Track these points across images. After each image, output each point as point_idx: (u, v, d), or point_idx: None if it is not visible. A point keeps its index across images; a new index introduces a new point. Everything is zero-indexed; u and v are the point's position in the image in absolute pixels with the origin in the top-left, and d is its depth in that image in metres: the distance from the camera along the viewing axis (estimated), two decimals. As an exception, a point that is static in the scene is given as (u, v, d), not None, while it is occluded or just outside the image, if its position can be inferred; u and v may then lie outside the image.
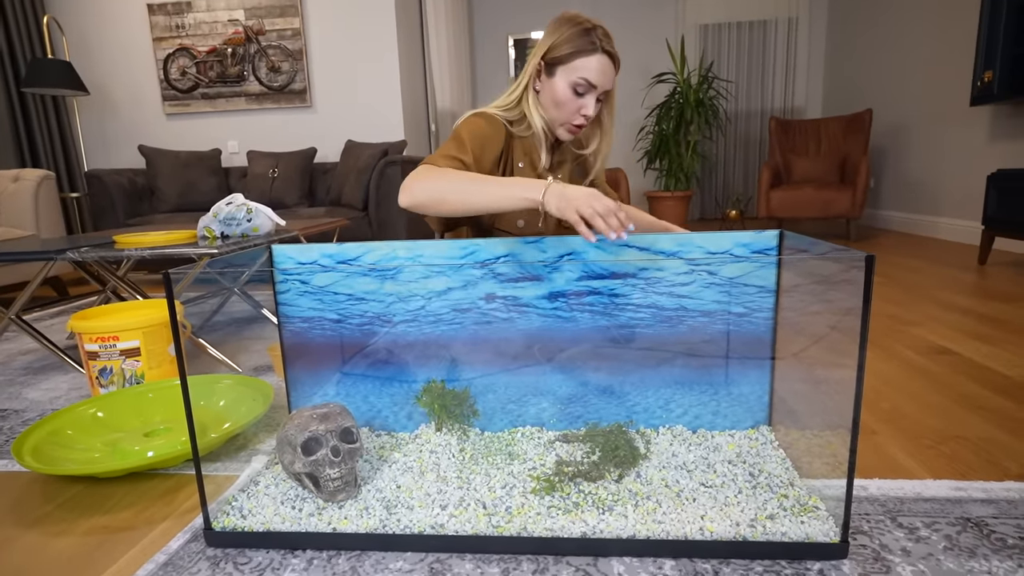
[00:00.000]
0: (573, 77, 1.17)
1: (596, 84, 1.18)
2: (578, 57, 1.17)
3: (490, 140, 1.20)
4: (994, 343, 1.73)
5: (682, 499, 0.90)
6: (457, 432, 1.13)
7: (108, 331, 1.45)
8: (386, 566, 0.82)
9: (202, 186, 3.92)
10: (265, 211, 1.93)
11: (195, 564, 0.85)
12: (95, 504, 1.04)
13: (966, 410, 1.28)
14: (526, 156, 1.26)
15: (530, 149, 1.26)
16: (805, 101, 5.76)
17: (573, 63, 1.17)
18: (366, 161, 3.63)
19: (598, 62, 1.16)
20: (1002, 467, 1.04)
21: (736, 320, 1.07)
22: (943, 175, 3.94)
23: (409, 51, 4.45)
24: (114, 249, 1.78)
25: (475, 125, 1.19)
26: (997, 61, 3.04)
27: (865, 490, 0.97)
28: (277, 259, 1.13)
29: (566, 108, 1.20)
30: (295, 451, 0.93)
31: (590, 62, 1.16)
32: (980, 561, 0.79)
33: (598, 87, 1.18)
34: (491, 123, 1.22)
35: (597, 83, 1.18)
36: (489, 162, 1.20)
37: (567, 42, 1.17)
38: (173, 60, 4.27)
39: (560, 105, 1.20)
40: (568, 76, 1.18)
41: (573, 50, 1.17)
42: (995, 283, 2.55)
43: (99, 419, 1.31)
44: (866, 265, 0.70)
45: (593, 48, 1.16)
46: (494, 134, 1.21)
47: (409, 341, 1.13)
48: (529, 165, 1.26)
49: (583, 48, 1.16)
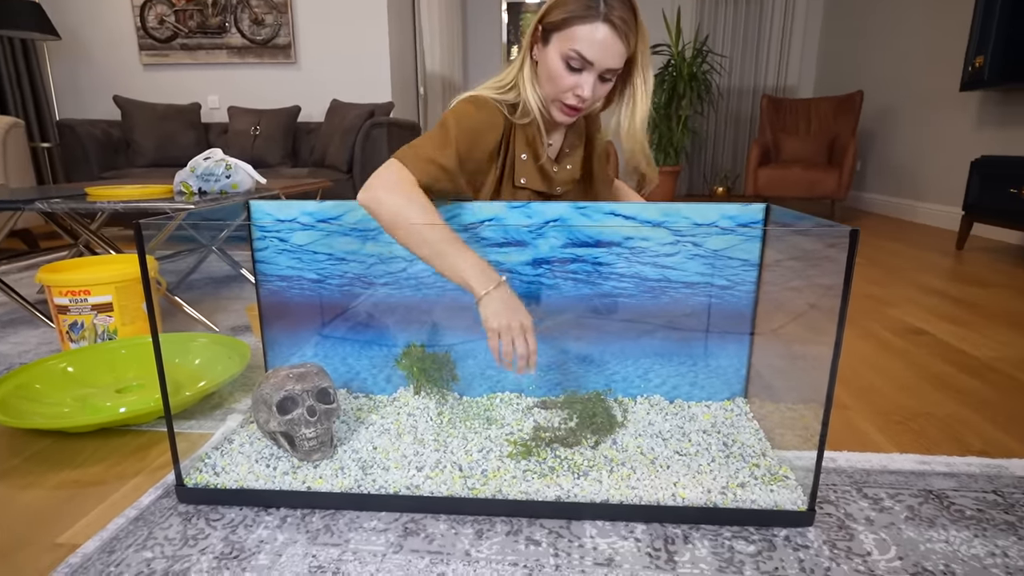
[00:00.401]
0: (565, 48, 0.98)
1: (591, 59, 0.97)
2: (573, 24, 0.97)
3: (482, 133, 1.03)
4: (967, 325, 1.76)
5: (656, 466, 0.91)
6: (436, 396, 1.12)
7: (79, 285, 1.41)
8: (360, 525, 0.82)
9: (181, 140, 3.80)
10: (245, 168, 1.88)
11: (166, 519, 0.84)
12: (64, 459, 1.02)
13: (936, 388, 1.31)
14: (529, 147, 1.09)
15: (533, 139, 1.09)
16: (798, 80, 5.73)
17: (567, 30, 0.98)
18: (352, 122, 3.55)
19: (596, 32, 0.96)
20: (965, 443, 1.07)
21: (718, 293, 1.08)
22: (928, 160, 3.97)
23: (399, 10, 4.32)
24: (86, 201, 1.72)
25: (465, 114, 1.02)
26: (989, 46, 3.03)
27: (834, 462, 0.99)
28: (255, 215, 1.10)
29: (558, 84, 1.01)
30: (270, 410, 0.92)
31: (586, 31, 0.96)
32: (939, 531, 0.81)
33: (595, 63, 0.98)
34: (485, 110, 1.04)
35: (593, 58, 0.97)
36: (481, 158, 1.04)
37: (566, 3, 0.98)
38: (151, 7, 4.09)
39: (552, 79, 1.02)
40: (561, 46, 0.99)
41: (569, 14, 0.97)
42: (971, 268, 2.60)
43: (69, 374, 1.28)
44: (850, 239, 0.70)
45: (593, 14, 0.95)
46: (488, 124, 1.04)
47: (390, 304, 1.12)
48: (532, 157, 1.10)
49: (580, 13, 0.96)
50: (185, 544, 0.79)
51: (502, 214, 1.05)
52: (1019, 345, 1.59)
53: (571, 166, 1.15)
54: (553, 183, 1.13)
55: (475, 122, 1.02)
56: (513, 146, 1.09)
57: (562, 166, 1.14)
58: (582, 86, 1.00)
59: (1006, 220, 2.71)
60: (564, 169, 1.14)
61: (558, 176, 1.13)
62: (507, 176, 1.11)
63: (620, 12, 0.96)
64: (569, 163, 1.15)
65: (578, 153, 1.16)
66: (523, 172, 1.10)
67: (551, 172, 1.12)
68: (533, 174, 1.11)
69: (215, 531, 0.81)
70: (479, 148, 1.03)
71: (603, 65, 0.99)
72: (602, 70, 1.00)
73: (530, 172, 1.10)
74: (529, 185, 1.11)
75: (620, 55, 0.99)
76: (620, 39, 0.97)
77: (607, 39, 0.96)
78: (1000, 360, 1.48)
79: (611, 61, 0.98)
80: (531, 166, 1.10)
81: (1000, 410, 1.20)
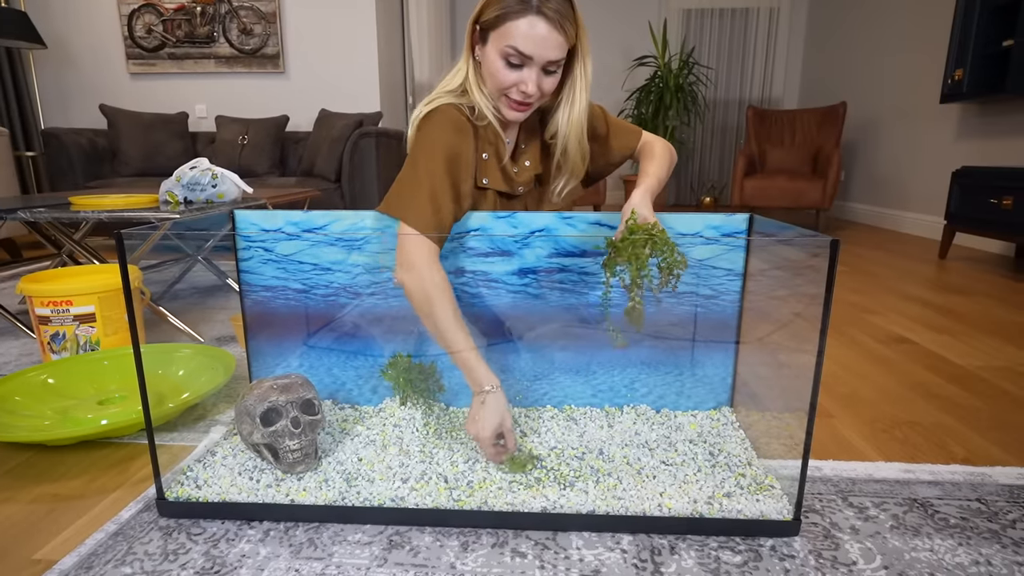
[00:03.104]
0: (502, 45, 0.96)
1: (528, 53, 0.95)
2: (508, 20, 0.94)
3: (460, 153, 1.01)
4: (949, 333, 1.79)
5: (642, 476, 0.91)
6: (422, 406, 1.12)
7: (60, 295, 1.39)
8: (344, 538, 0.81)
9: (168, 150, 3.78)
10: (231, 177, 1.87)
11: (146, 534, 0.83)
12: (43, 472, 1.00)
13: (920, 397, 1.32)
14: (491, 146, 1.08)
15: (495, 138, 1.08)
16: (782, 91, 5.81)
17: (503, 27, 0.95)
18: (340, 131, 3.54)
19: (530, 26, 0.93)
20: (949, 451, 1.07)
21: (703, 302, 1.08)
22: (911, 170, 4.03)
23: (388, 20, 4.34)
24: (70, 211, 1.71)
25: (438, 143, 0.99)
26: (968, 60, 3.10)
27: (820, 471, 0.99)
28: (240, 225, 1.09)
29: (500, 82, 0.99)
30: (254, 422, 0.91)
31: (521, 26, 0.93)
32: (923, 539, 0.82)
33: (534, 57, 0.95)
34: (451, 125, 1.01)
35: (529, 52, 0.94)
36: (469, 173, 1.03)
37: (499, 0, 0.95)
38: (138, 16, 4.08)
39: (494, 78, 1.00)
40: (498, 44, 0.97)
41: (502, 11, 0.94)
42: (953, 277, 2.63)
43: (50, 386, 1.26)
44: (831, 249, 0.71)
45: (526, 8, 0.93)
46: (462, 139, 1.02)
47: (376, 314, 1.11)
48: (494, 156, 1.08)
49: (514, 8, 0.93)
50: (165, 559, 0.77)
51: (487, 224, 1.05)
52: (1001, 353, 1.61)
53: (529, 163, 1.13)
54: (515, 183, 1.12)
55: (450, 146, 1.00)
56: (477, 147, 1.08)
57: (520, 164, 1.13)
58: (525, 82, 0.98)
59: (987, 229, 2.75)
60: (523, 167, 1.13)
61: (518, 176, 1.12)
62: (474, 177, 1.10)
63: (554, 3, 0.93)
64: (527, 160, 1.13)
65: (533, 148, 1.14)
66: (485, 172, 1.09)
67: (511, 172, 1.11)
68: (495, 174, 1.09)
69: (196, 545, 0.80)
70: (464, 167, 1.02)
71: (543, 58, 0.96)
72: (543, 63, 0.97)
73: (492, 172, 1.09)
74: (492, 185, 1.09)
75: (559, 46, 0.96)
76: (556, 30, 0.94)
77: (543, 32, 0.94)
78: (983, 368, 1.50)
79: (551, 53, 0.96)
80: (493, 166, 1.09)
81: (983, 418, 1.21)
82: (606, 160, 1.19)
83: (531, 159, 1.14)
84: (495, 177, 1.09)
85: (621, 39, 5.73)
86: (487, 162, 1.08)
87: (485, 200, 1.10)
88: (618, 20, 5.72)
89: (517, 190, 1.13)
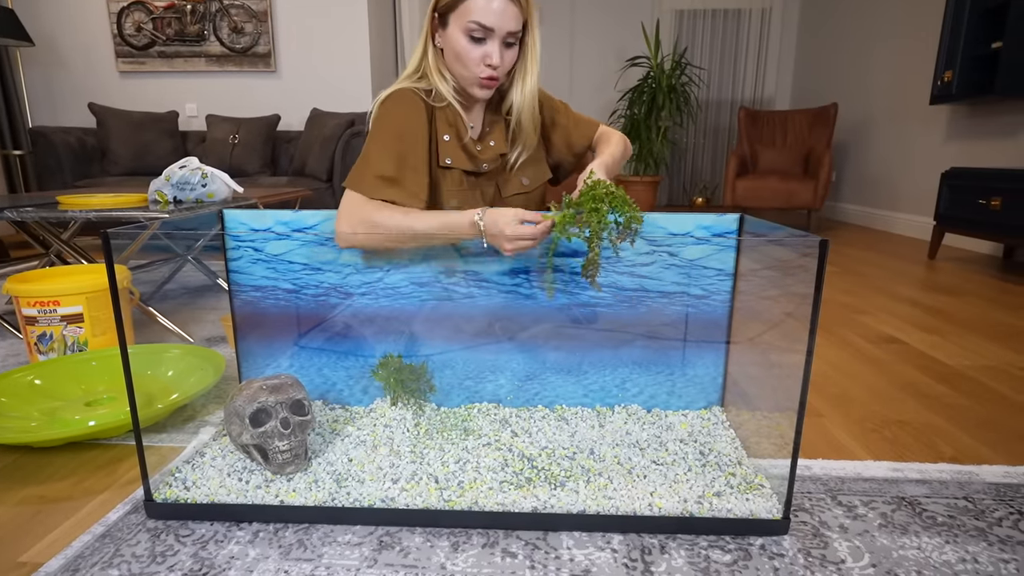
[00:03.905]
0: (464, 22, 1.02)
1: (491, 26, 1.01)
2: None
3: (412, 130, 1.06)
4: (939, 333, 1.80)
5: (633, 476, 0.91)
6: (413, 407, 1.12)
7: (48, 295, 1.38)
8: (334, 539, 0.81)
9: (158, 149, 3.75)
10: (221, 176, 1.86)
11: (134, 536, 0.82)
12: (30, 474, 0.99)
13: (909, 396, 1.33)
14: (451, 127, 1.11)
15: (454, 118, 1.12)
16: (774, 92, 5.84)
17: (462, 7, 1.02)
18: (331, 131, 3.53)
19: (490, 1, 1.00)
20: (938, 450, 1.08)
21: (694, 302, 1.08)
22: (901, 171, 4.06)
23: (380, 18, 4.32)
24: (57, 210, 1.69)
25: (388, 116, 1.06)
26: (957, 62, 3.12)
27: (809, 470, 1.00)
28: (229, 224, 1.08)
29: (467, 60, 1.04)
30: (243, 422, 0.91)
31: (480, 1, 1.01)
32: (911, 537, 0.82)
33: (495, 29, 1.02)
34: (403, 103, 1.07)
35: (492, 24, 1.01)
36: (419, 150, 1.07)
37: None
38: (128, 14, 4.05)
39: (461, 58, 1.05)
40: (460, 23, 1.03)
41: None
42: (943, 277, 2.65)
43: (37, 387, 1.25)
44: (820, 249, 0.71)
45: None
46: (415, 119, 1.07)
47: (367, 314, 1.11)
48: (455, 137, 1.12)
49: None
50: (153, 561, 0.77)
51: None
52: (990, 353, 1.62)
53: (494, 143, 1.17)
54: (478, 160, 1.14)
55: (399, 120, 1.06)
56: (435, 129, 1.12)
57: (485, 144, 1.16)
58: (490, 54, 1.04)
59: (976, 230, 2.77)
60: (488, 146, 1.16)
61: (482, 154, 1.15)
62: (433, 158, 1.12)
63: None
64: (492, 140, 1.17)
65: (498, 130, 1.18)
66: (447, 152, 1.12)
67: (474, 150, 1.14)
68: (458, 153, 1.12)
69: (184, 547, 0.80)
70: (413, 142, 1.06)
71: (504, 29, 1.02)
72: (503, 35, 1.03)
73: (454, 152, 1.12)
74: (455, 164, 1.12)
75: (516, 17, 1.03)
76: (512, 2, 1.02)
77: (500, 5, 1.01)
78: (971, 368, 1.51)
79: (510, 24, 1.03)
80: (455, 146, 1.12)
81: (971, 417, 1.22)
82: (568, 149, 1.26)
83: (496, 139, 1.18)
84: (458, 157, 1.12)
85: (614, 40, 5.74)
86: (448, 143, 1.12)
87: (451, 179, 1.13)
88: (611, 21, 5.73)
89: (482, 167, 1.15)
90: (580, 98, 5.84)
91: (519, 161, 1.19)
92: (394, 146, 1.04)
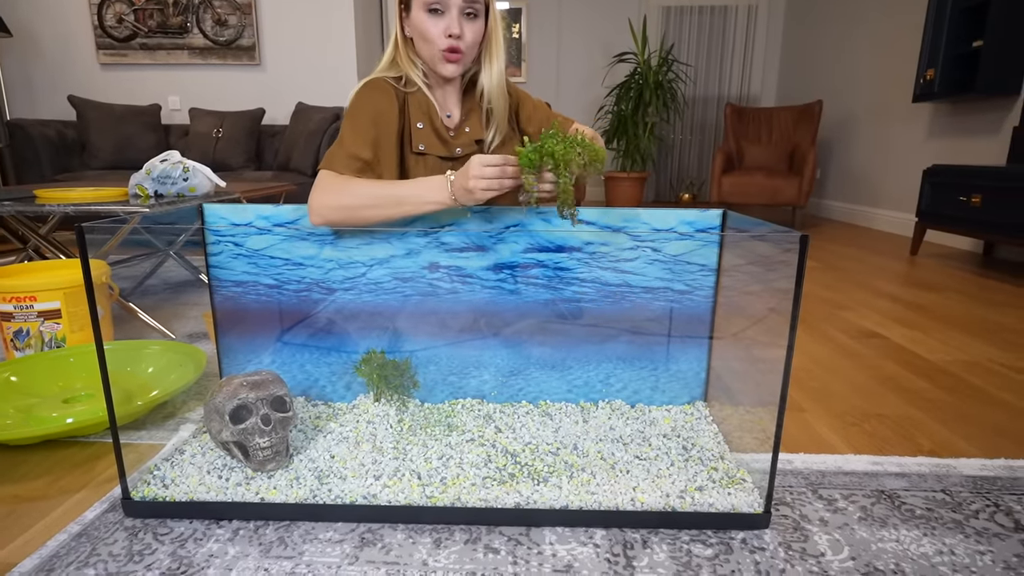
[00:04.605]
0: (421, 1, 1.06)
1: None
2: None
3: (384, 113, 1.09)
4: (918, 328, 1.82)
5: (616, 471, 0.91)
6: (396, 403, 1.11)
7: (24, 291, 1.35)
8: (315, 536, 0.80)
9: (139, 143, 3.70)
10: (203, 170, 1.83)
11: (111, 535, 0.81)
12: (4, 472, 0.98)
13: (889, 390, 1.35)
14: (424, 115, 1.14)
15: (427, 105, 1.14)
16: (760, 89, 5.87)
17: None
18: (317, 124, 3.50)
19: None
20: (916, 443, 1.10)
21: (678, 297, 1.09)
22: (884, 168, 4.10)
23: (366, 11, 4.28)
24: (35, 204, 1.66)
25: (360, 101, 1.09)
26: (940, 60, 3.16)
27: (790, 464, 1.01)
28: (209, 219, 1.07)
29: (429, 35, 1.07)
30: (223, 419, 0.89)
31: None
32: (890, 530, 0.83)
33: (451, 1, 1.05)
34: (378, 91, 1.10)
35: None
36: (391, 134, 1.10)
37: None
38: (109, 5, 3.98)
39: (423, 36, 1.08)
40: (419, 3, 1.06)
41: None
42: (923, 273, 2.69)
43: (12, 383, 1.22)
44: (800, 244, 0.72)
45: None
46: (386, 104, 1.10)
47: (349, 310, 1.10)
48: (429, 124, 1.14)
49: None
50: (130, 560, 0.76)
51: (462, 218, 1.05)
52: (969, 348, 1.65)
53: (470, 128, 1.19)
54: (451, 146, 1.16)
55: (371, 105, 1.09)
56: (408, 116, 1.14)
57: (460, 130, 1.18)
58: (450, 26, 1.06)
59: (957, 227, 2.81)
60: (463, 132, 1.18)
61: (456, 139, 1.17)
62: (407, 145, 1.14)
63: None
64: (468, 126, 1.19)
65: (474, 117, 1.20)
66: (420, 139, 1.13)
67: (447, 136, 1.16)
68: (431, 139, 1.14)
69: (162, 546, 0.78)
70: (386, 128, 1.09)
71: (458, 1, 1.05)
72: (464, 7, 1.06)
73: (428, 138, 1.14)
74: (429, 151, 1.14)
75: None
76: None
77: None
78: (951, 363, 1.53)
79: None
80: (428, 132, 1.14)
81: (949, 411, 1.24)
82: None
83: (472, 126, 1.20)
84: (431, 142, 1.14)
85: (601, 35, 5.74)
86: (421, 130, 1.14)
87: (425, 165, 1.14)
88: (598, 17, 5.73)
89: (455, 152, 1.16)
90: (567, 94, 5.83)
91: (493, 144, 1.20)
92: (368, 131, 1.07)
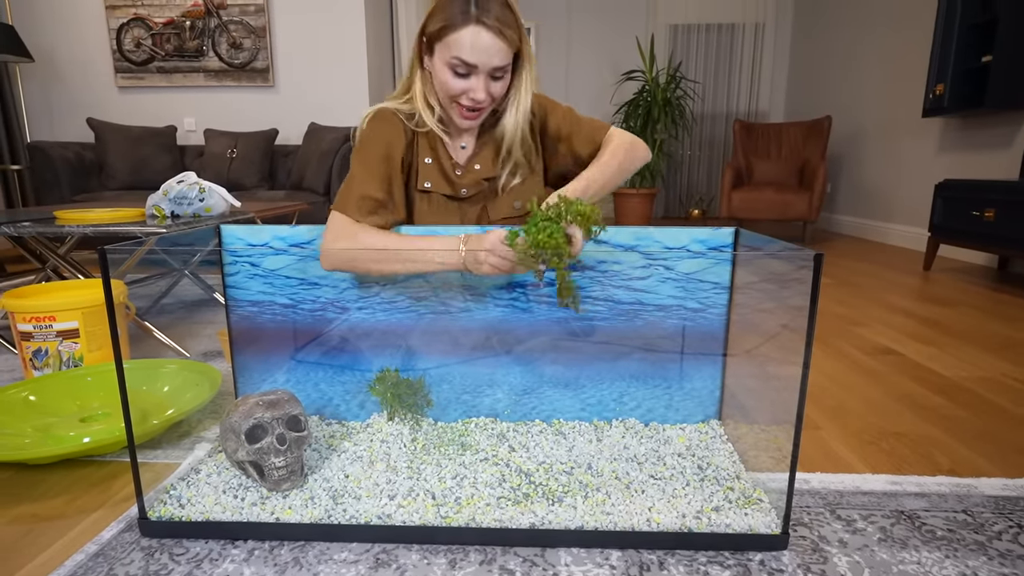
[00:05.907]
0: (447, 56, 0.99)
1: (474, 63, 0.98)
2: (450, 32, 0.98)
3: (391, 148, 1.06)
4: (934, 345, 1.80)
5: (631, 491, 0.91)
6: (410, 422, 1.11)
7: (43, 311, 1.38)
8: (330, 557, 0.80)
9: (156, 164, 3.76)
10: (219, 191, 1.86)
11: (128, 555, 0.81)
12: (23, 491, 0.98)
13: (906, 408, 1.33)
14: (432, 151, 1.11)
15: (436, 142, 1.11)
16: (768, 105, 5.89)
17: (446, 39, 0.99)
18: (329, 145, 3.55)
19: (471, 36, 0.96)
20: (935, 462, 1.08)
21: (691, 315, 1.09)
22: (895, 183, 4.08)
23: (377, 33, 4.36)
24: (54, 225, 1.69)
25: (370, 138, 1.05)
26: (949, 75, 3.16)
27: (807, 483, 0.99)
28: (226, 239, 1.08)
29: (449, 91, 1.03)
30: (239, 438, 0.90)
31: (464, 37, 0.97)
32: (911, 552, 0.82)
33: (478, 66, 0.99)
34: (384, 124, 1.07)
35: (476, 61, 0.98)
36: (401, 174, 1.08)
37: (440, 11, 0.99)
38: (127, 30, 4.08)
39: (443, 87, 1.03)
40: (443, 55, 1.00)
41: (444, 23, 0.98)
42: (938, 288, 2.66)
43: (31, 403, 1.24)
44: (814, 263, 0.72)
45: (464, 19, 0.96)
46: (395, 137, 1.06)
47: (363, 328, 1.11)
48: (436, 161, 1.11)
49: (453, 20, 0.97)
50: (146, 581, 0.76)
51: (476, 238, 1.05)
52: (986, 364, 1.63)
53: (480, 166, 1.14)
54: (457, 186, 1.13)
55: (381, 141, 1.05)
56: (417, 151, 1.10)
57: (469, 167, 1.14)
58: (474, 90, 1.01)
59: (970, 241, 2.79)
60: (471, 171, 1.13)
61: (462, 179, 1.13)
62: (412, 181, 1.12)
63: (495, 12, 0.96)
64: (478, 163, 1.14)
65: (488, 151, 1.15)
66: (427, 176, 1.11)
67: (454, 176, 1.13)
68: (437, 177, 1.11)
69: (178, 566, 0.79)
70: (395, 161, 1.06)
71: (488, 65, 0.99)
72: (489, 70, 1.00)
73: (434, 176, 1.11)
74: (434, 188, 1.12)
75: (503, 52, 0.99)
76: (499, 38, 0.97)
77: (487, 41, 0.97)
78: (967, 379, 1.51)
79: (495, 60, 0.99)
80: (435, 169, 1.11)
81: (968, 429, 1.22)
82: (574, 159, 1.18)
83: (482, 163, 1.15)
84: (437, 180, 1.12)
85: (610, 54, 5.80)
86: (429, 166, 1.11)
87: (430, 203, 1.12)
88: (607, 35, 5.79)
89: (460, 192, 1.14)
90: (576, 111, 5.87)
91: (513, 183, 1.15)
92: (379, 168, 1.04)
